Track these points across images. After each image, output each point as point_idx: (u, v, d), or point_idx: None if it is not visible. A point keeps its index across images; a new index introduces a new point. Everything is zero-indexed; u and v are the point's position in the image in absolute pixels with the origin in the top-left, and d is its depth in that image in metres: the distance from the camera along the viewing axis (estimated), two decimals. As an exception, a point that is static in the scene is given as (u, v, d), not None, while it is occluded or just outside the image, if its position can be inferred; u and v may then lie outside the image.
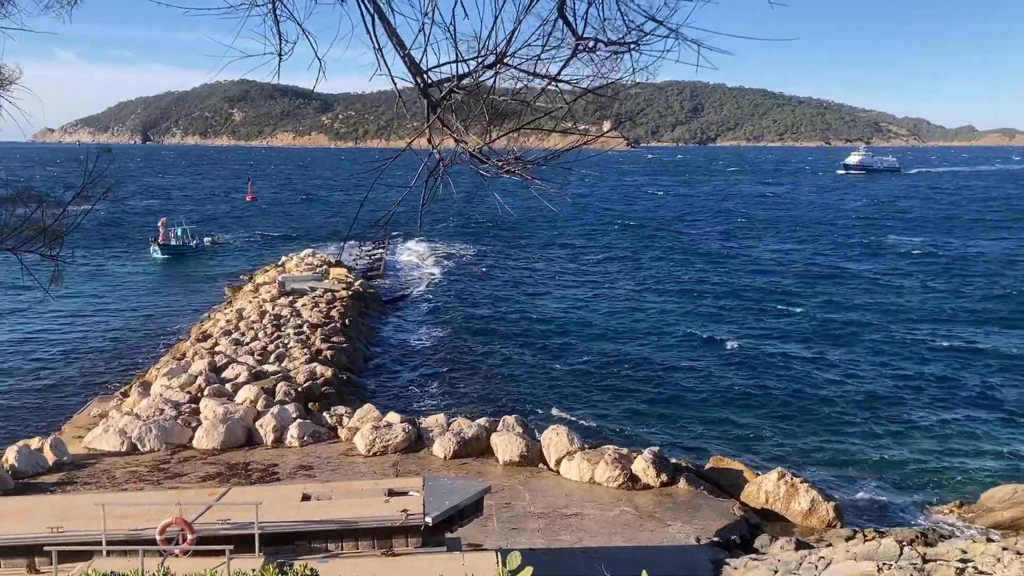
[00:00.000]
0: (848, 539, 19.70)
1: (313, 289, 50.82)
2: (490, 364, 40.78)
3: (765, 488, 22.81)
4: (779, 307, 53.77)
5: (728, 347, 43.76)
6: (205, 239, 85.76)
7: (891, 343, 44.34)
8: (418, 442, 25.78)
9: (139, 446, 25.81)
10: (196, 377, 31.45)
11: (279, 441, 26.40)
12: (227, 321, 43.41)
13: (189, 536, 12.49)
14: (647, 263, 73.94)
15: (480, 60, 5.11)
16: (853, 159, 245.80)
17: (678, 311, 53.03)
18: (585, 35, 5.12)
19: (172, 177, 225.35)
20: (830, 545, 19.38)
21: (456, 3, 4.89)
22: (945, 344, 44.09)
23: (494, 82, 5.19)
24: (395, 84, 5.21)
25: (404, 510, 13.41)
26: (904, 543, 17.94)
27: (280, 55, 5.48)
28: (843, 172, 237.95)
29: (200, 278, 67.59)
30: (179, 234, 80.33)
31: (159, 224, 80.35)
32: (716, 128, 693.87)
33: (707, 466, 25.00)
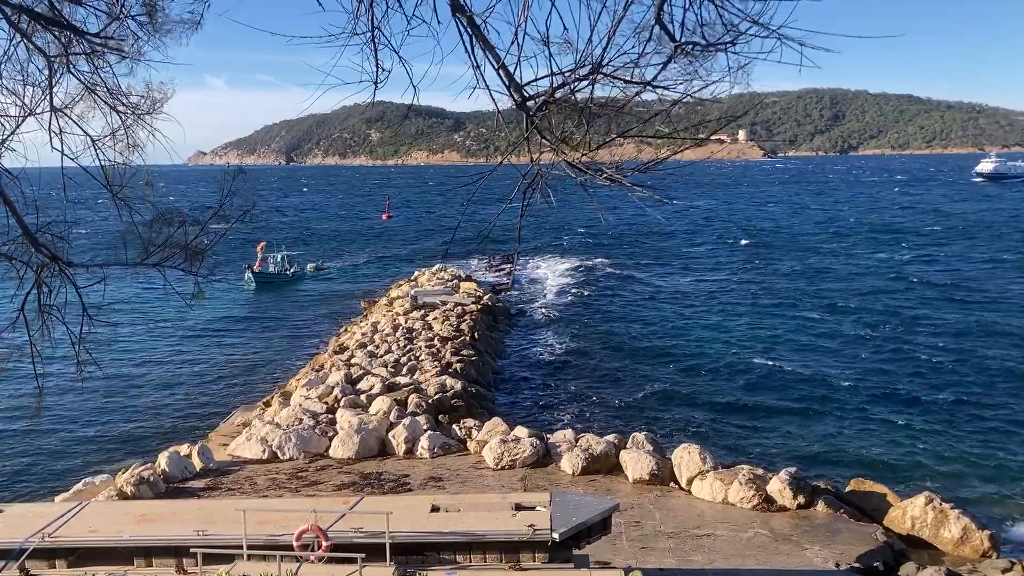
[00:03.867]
0: (1005, 571, 18.34)
1: (444, 303, 51.74)
2: (618, 379, 40.35)
3: (911, 513, 21.53)
4: (925, 321, 50.96)
5: (871, 363, 41.77)
6: (309, 265, 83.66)
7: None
8: (546, 457, 25.72)
9: (279, 454, 26.81)
10: (333, 388, 32.48)
11: (410, 452, 26.89)
12: (362, 334, 44.74)
13: (324, 543, 12.83)
14: (773, 277, 71.65)
15: (576, 71, 5.07)
16: (986, 167, 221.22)
17: (813, 326, 51.07)
18: (683, 40, 5.01)
19: (306, 196, 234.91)
20: (984, 577, 18.11)
21: (549, 15, 4.87)
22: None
23: (591, 92, 5.14)
24: (494, 101, 5.23)
25: (531, 525, 13.36)
26: (1070, 579, 16.55)
27: (376, 83, 5.60)
28: (979, 181, 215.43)
29: (337, 295, 70.04)
30: (278, 260, 77.74)
31: (257, 248, 76.96)
32: (858, 136, 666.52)
33: (847, 488, 23.83)
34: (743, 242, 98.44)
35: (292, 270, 78.67)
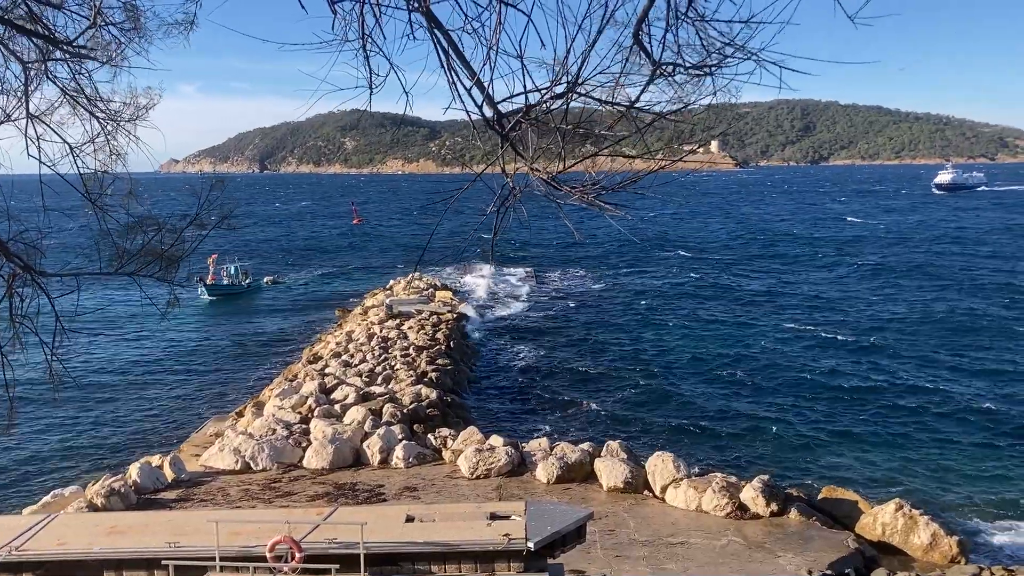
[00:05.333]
0: (974, 577, 18.60)
1: (419, 312, 51.63)
2: (593, 389, 40.46)
3: (881, 520, 21.78)
4: (893, 331, 51.59)
5: (841, 372, 42.18)
6: (265, 278, 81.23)
7: (1014, 371, 41.88)
8: (521, 466, 25.74)
9: (252, 465, 26.61)
10: (307, 398, 32.29)
11: (385, 462, 26.80)
12: (337, 343, 44.52)
13: (297, 554, 12.74)
14: (744, 287, 72.24)
15: (551, 88, 5.09)
16: (944, 178, 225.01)
17: (784, 337, 51.51)
18: (662, 60, 5.02)
19: (279, 205, 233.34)
20: (954, 583, 18.33)
21: (523, 33, 4.89)
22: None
23: (566, 111, 5.16)
24: (470, 117, 5.24)
25: (506, 534, 13.35)
26: (1037, 584, 16.79)
27: (371, 88, 5.59)
28: (937, 192, 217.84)
29: (309, 304, 69.60)
30: (232, 272, 75.22)
31: (209, 261, 73.25)
32: (829, 147, 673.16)
33: (819, 496, 24.08)
34: (715, 252, 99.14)
35: (247, 281, 76.17)
